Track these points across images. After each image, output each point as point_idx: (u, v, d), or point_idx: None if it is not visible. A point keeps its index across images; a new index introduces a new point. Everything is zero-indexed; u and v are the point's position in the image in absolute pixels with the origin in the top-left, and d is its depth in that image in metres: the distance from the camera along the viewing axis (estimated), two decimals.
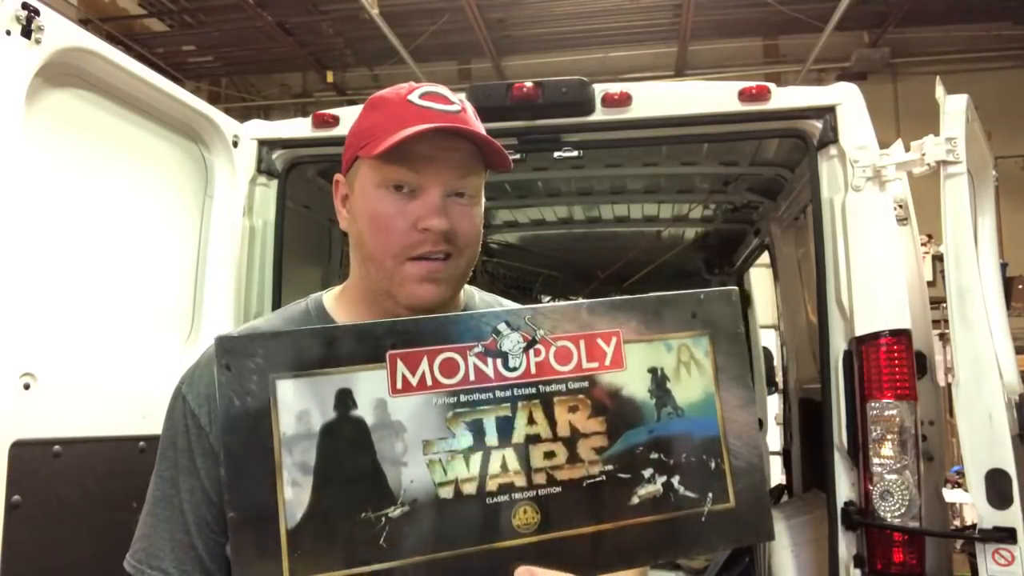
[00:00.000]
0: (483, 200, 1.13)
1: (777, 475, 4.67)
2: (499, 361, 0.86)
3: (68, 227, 1.83)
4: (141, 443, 1.91)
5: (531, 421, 0.86)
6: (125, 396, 1.91)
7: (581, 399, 0.88)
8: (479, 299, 1.25)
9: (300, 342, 0.83)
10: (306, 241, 3.27)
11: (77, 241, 1.85)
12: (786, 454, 4.08)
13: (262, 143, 2.48)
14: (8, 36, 1.59)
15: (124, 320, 1.99)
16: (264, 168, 2.48)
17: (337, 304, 1.18)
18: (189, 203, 2.27)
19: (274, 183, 2.52)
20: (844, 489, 2.12)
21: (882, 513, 2.01)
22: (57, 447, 1.66)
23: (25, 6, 1.62)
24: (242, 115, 4.05)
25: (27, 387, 1.60)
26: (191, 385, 1.13)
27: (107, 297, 1.93)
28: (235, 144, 2.37)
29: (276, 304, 2.47)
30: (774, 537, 0.93)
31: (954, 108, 2.05)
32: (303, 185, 2.99)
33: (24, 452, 1.56)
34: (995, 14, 8.52)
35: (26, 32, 1.62)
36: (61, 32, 1.72)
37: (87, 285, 1.87)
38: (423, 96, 1.08)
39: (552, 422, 0.86)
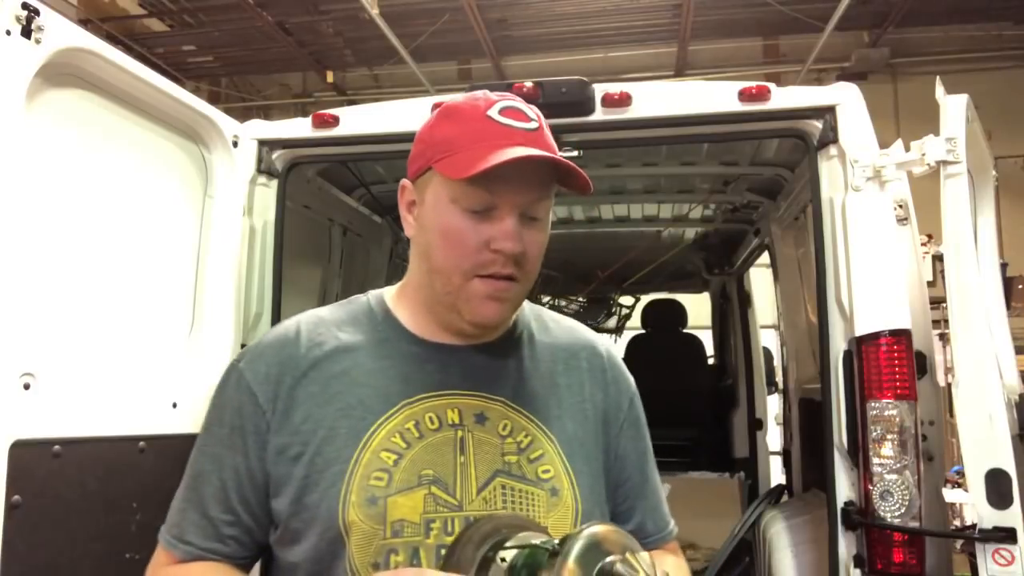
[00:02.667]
0: (550, 222, 1.14)
1: (777, 475, 4.67)
2: None
3: (68, 227, 1.82)
4: (141, 443, 1.91)
5: None
6: (125, 396, 1.91)
7: None
8: (528, 309, 1.26)
9: None
10: (306, 241, 3.27)
11: (77, 241, 1.85)
12: (786, 454, 4.08)
13: (262, 143, 2.48)
14: (8, 36, 1.59)
15: (124, 320, 1.99)
16: (264, 168, 2.48)
17: (398, 304, 1.20)
18: (189, 203, 2.27)
19: (274, 183, 2.51)
20: (844, 489, 2.12)
21: (882, 513, 2.01)
22: (57, 447, 1.65)
23: (25, 6, 1.61)
24: (242, 115, 4.04)
25: (27, 387, 1.60)
26: (251, 362, 1.13)
27: (107, 297, 1.93)
28: (235, 144, 2.37)
29: (276, 304, 2.47)
30: None
31: (954, 108, 2.05)
32: (303, 185, 2.99)
33: (24, 452, 1.56)
34: (995, 14, 8.51)
35: (26, 32, 1.62)
36: (61, 32, 1.71)
37: (87, 285, 1.87)
38: (503, 112, 1.07)
39: None
